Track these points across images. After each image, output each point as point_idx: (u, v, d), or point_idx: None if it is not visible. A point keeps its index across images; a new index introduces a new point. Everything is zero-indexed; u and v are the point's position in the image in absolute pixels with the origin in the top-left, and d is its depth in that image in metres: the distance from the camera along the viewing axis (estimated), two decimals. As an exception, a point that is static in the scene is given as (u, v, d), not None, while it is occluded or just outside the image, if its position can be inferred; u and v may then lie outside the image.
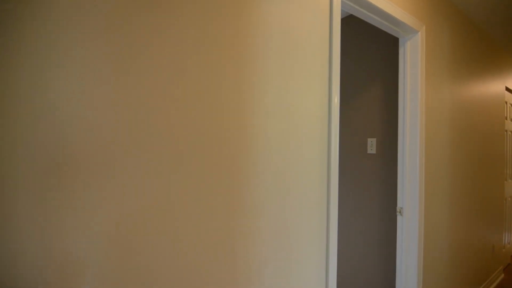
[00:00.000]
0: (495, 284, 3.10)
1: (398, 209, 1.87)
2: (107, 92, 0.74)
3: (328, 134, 1.33)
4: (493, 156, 3.08)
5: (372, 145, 2.37)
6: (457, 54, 2.31)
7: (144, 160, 0.80)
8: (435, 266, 2.04)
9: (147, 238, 0.81)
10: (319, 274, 1.28)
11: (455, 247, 2.32)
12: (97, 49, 0.73)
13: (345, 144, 2.56)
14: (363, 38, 2.48)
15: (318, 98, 1.29)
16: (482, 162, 2.81)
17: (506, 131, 3.56)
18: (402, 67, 1.94)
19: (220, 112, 0.97)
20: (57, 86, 0.67)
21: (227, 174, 0.98)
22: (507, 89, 3.53)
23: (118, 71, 0.76)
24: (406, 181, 1.85)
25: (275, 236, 1.12)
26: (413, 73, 1.88)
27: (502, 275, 3.33)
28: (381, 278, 2.33)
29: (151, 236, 0.81)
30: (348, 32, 2.58)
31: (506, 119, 3.55)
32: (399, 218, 1.87)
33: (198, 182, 0.91)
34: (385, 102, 2.33)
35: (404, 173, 1.87)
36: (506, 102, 3.53)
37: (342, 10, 2.47)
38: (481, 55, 2.77)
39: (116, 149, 0.76)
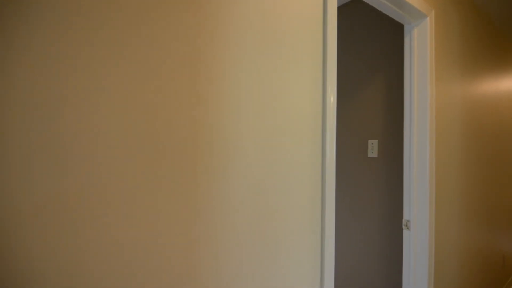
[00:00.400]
0: (506, 297, 2.86)
1: (404, 222, 1.61)
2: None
3: (322, 136, 1.07)
4: (503, 159, 2.83)
5: (373, 148, 2.11)
6: (466, 46, 2.06)
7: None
8: (444, 282, 1.78)
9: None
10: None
11: (466, 259, 2.07)
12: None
13: (342, 146, 2.30)
14: (362, 29, 2.22)
15: (309, 93, 1.03)
16: (492, 165, 2.57)
17: (516, 131, 3.31)
18: (408, 59, 1.68)
19: (168, 106, 0.71)
20: None
21: (180, 193, 0.72)
22: (517, 86, 3.29)
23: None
24: (414, 190, 1.60)
25: (251, 267, 0.86)
26: (421, 65, 1.63)
27: (512, 287, 3.09)
28: (383, 296, 2.07)
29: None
30: (345, 23, 2.33)
31: (516, 118, 3.31)
32: (405, 232, 1.61)
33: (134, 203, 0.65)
34: (388, 99, 2.07)
35: (411, 181, 1.61)
36: (515, 100, 3.28)
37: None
38: (490, 48, 2.53)
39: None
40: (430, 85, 1.61)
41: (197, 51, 0.75)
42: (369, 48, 2.18)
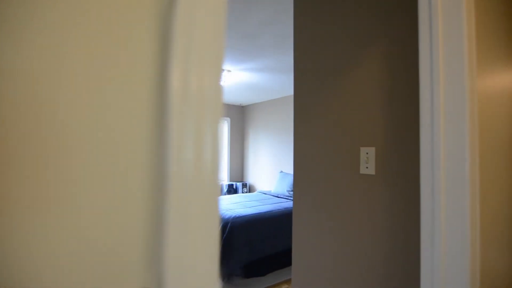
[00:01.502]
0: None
1: (425, 299, 0.95)
2: None
3: (161, 153, 0.38)
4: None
5: (368, 159, 1.43)
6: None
7: None
8: None
9: None
10: None
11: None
12: None
13: (317, 157, 1.61)
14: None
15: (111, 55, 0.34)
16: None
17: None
18: (426, 21, 1.00)
19: None
20: None
21: None
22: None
23: None
24: (441, 245, 0.93)
25: None
26: (452, 28, 0.95)
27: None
28: None
29: None
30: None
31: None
32: (427, 316, 0.95)
33: None
34: (392, 85, 1.39)
35: (436, 224, 0.94)
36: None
37: None
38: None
39: None
40: (469, 66, 0.93)
41: None
42: (360, 11, 1.48)
